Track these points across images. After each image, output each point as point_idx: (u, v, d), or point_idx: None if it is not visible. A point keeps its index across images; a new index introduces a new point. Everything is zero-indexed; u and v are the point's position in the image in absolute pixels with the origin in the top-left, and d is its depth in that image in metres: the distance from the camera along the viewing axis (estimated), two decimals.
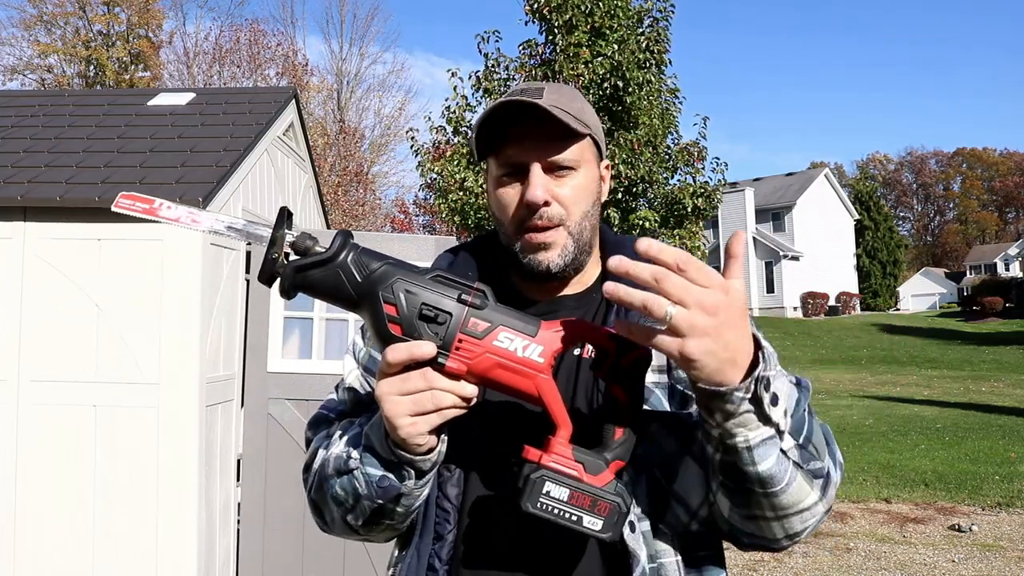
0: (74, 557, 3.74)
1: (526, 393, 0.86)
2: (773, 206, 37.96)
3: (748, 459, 0.82)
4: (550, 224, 1.01)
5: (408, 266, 0.87)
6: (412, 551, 1.00)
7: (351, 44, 34.32)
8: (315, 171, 6.46)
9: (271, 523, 3.65)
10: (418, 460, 0.88)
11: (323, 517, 1.03)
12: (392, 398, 0.84)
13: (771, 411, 0.80)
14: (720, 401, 0.78)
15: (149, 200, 0.92)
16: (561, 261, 1.02)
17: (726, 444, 0.83)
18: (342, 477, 0.95)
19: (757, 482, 0.84)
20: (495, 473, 0.99)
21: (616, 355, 0.86)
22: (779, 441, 0.83)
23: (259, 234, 0.89)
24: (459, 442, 0.97)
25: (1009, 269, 50.55)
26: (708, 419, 0.82)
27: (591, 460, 0.85)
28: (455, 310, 0.85)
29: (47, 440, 3.79)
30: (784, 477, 0.84)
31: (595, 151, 1.07)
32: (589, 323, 0.89)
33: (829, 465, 0.90)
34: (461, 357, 0.84)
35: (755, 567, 4.97)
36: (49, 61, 26.59)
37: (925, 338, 26.14)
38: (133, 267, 3.82)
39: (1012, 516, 6.02)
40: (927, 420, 10.96)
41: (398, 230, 24.79)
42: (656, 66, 9.50)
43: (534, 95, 1.00)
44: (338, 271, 0.85)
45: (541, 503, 0.84)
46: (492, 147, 1.03)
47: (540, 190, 0.99)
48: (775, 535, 0.92)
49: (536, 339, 0.85)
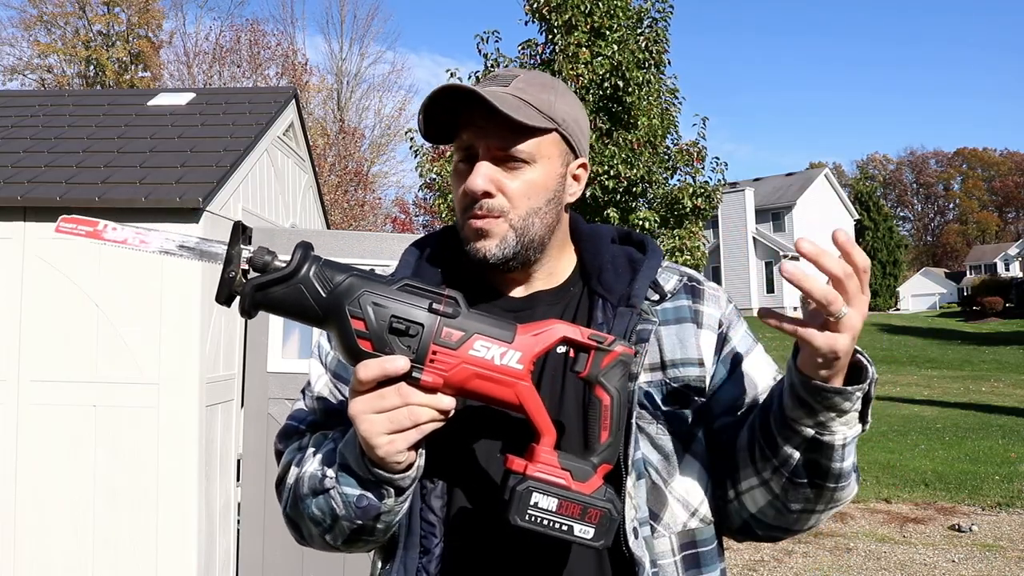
0: (74, 557, 3.73)
1: (506, 402, 0.83)
2: (773, 206, 37.96)
3: (839, 455, 0.86)
4: (489, 214, 0.97)
5: (374, 277, 0.83)
6: (398, 565, 0.96)
7: (351, 44, 34.32)
8: (315, 171, 6.46)
9: (271, 523, 3.65)
10: (397, 478, 0.85)
11: (300, 533, 0.99)
12: (367, 417, 0.80)
13: (868, 410, 0.85)
14: (841, 399, 0.82)
15: (92, 222, 0.86)
16: (499, 252, 0.98)
17: (820, 441, 0.85)
18: (318, 497, 0.91)
19: (834, 478, 0.88)
20: (480, 483, 0.96)
21: (597, 356, 0.84)
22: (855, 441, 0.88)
23: (213, 252, 0.85)
24: (442, 453, 0.94)
25: (1009, 269, 50.54)
26: (805, 418, 0.85)
27: (578, 467, 0.83)
28: (427, 321, 0.81)
29: (47, 440, 3.78)
30: (850, 474, 0.90)
31: (563, 147, 1.01)
32: (568, 324, 0.86)
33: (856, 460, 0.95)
34: (436, 370, 0.81)
35: (755, 567, 4.97)
36: (49, 61, 26.58)
37: (925, 338, 26.12)
38: (133, 267, 3.82)
39: (1012, 516, 6.01)
40: (927, 420, 10.96)
41: (398, 230, 24.80)
42: (655, 66, 9.51)
43: (502, 82, 0.98)
44: (300, 287, 0.81)
45: (529, 515, 0.81)
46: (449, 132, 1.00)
47: (481, 179, 0.95)
48: (808, 526, 0.96)
49: (513, 345, 0.82)
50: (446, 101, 0.96)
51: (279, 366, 3.72)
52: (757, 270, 36.04)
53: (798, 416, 0.85)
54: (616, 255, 1.06)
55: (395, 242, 3.92)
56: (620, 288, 1.01)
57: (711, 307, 1.04)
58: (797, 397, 0.84)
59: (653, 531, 0.95)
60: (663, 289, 1.03)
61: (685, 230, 9.49)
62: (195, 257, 0.86)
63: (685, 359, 0.99)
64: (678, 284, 1.05)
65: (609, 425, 0.84)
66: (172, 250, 0.86)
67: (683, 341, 1.00)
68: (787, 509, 0.92)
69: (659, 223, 9.24)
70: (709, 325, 1.03)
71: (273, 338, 3.73)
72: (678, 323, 1.02)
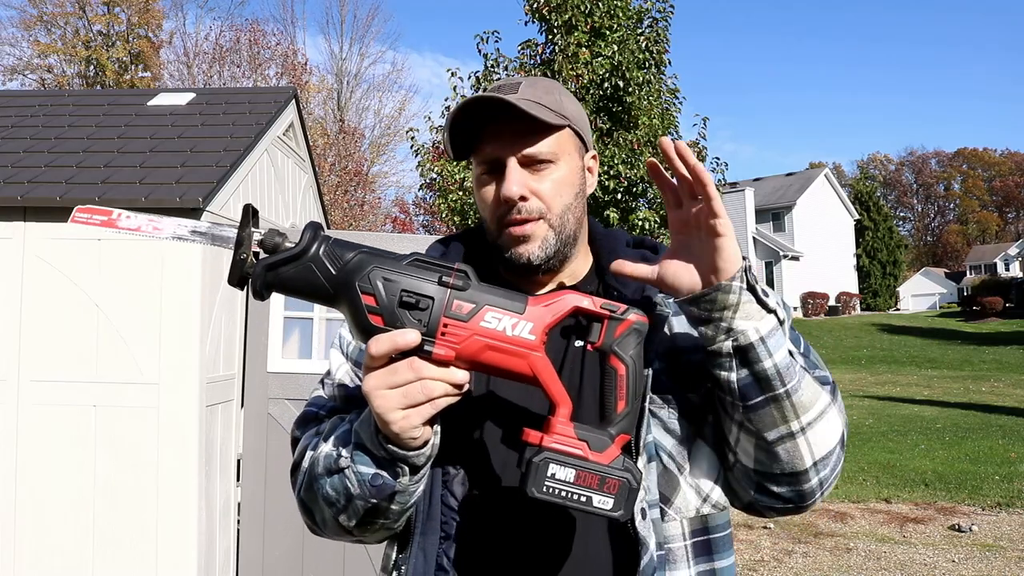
0: (74, 557, 3.73)
1: (520, 373, 0.83)
2: (773, 206, 37.96)
3: (764, 351, 0.85)
4: (529, 217, 0.99)
5: (384, 253, 0.84)
6: (417, 551, 0.97)
7: (351, 44, 34.39)
8: (315, 171, 6.46)
9: (271, 523, 3.65)
10: (412, 455, 0.85)
11: (313, 518, 1.00)
12: (381, 392, 0.81)
13: (767, 299, 0.86)
14: (723, 294, 0.84)
15: (106, 211, 0.87)
16: (542, 253, 1.00)
17: (740, 348, 0.85)
18: (332, 476, 0.91)
19: (777, 379, 0.86)
20: (501, 468, 0.97)
21: (611, 325, 0.84)
22: (784, 336, 0.88)
23: (225, 235, 0.85)
24: (463, 438, 0.95)
25: (1009, 269, 50.55)
26: (712, 333, 0.86)
27: (595, 437, 0.82)
28: (437, 294, 0.81)
29: (47, 440, 3.78)
30: (796, 372, 0.88)
31: (577, 142, 1.05)
32: (579, 293, 0.86)
33: (829, 376, 0.95)
34: (448, 342, 0.81)
35: (755, 567, 4.97)
36: (49, 61, 26.58)
37: (925, 338, 26.12)
38: (133, 267, 3.82)
39: (1012, 516, 6.01)
40: (927, 420, 10.96)
41: (398, 230, 24.81)
42: (656, 66, 9.50)
43: (510, 90, 0.99)
44: (311, 265, 0.81)
45: (547, 487, 0.80)
46: (471, 146, 1.02)
47: (516, 185, 0.98)
48: (804, 464, 0.91)
49: (525, 316, 0.82)
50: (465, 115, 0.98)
51: (279, 366, 3.72)
52: (757, 270, 36.04)
53: (707, 336, 0.87)
54: (631, 256, 1.08)
55: (395, 242, 3.92)
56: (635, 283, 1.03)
57: None
58: (694, 319, 0.89)
59: (664, 515, 0.95)
60: None
61: None
62: (207, 241, 0.86)
63: (695, 345, 1.00)
64: None
65: (625, 395, 0.83)
66: (184, 235, 0.87)
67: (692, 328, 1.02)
68: (768, 443, 0.90)
69: (659, 223, 9.23)
70: None
71: (273, 338, 3.73)
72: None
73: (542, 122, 0.96)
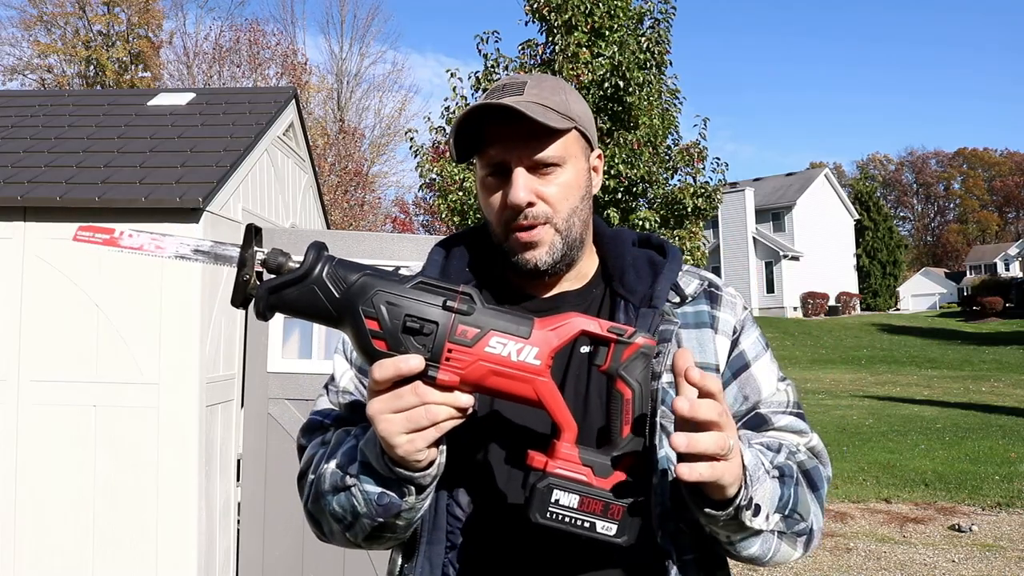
0: (74, 557, 3.73)
1: (525, 398, 0.82)
2: (773, 206, 37.95)
3: (733, 550, 0.92)
4: (536, 222, 0.99)
5: (388, 275, 0.83)
6: (423, 560, 0.97)
7: (351, 44, 34.36)
8: (315, 171, 6.46)
9: (271, 523, 3.65)
10: (417, 476, 0.85)
11: (321, 529, 1.00)
12: (385, 417, 0.80)
13: (752, 522, 0.87)
14: (707, 520, 0.86)
15: (109, 230, 0.87)
16: (549, 259, 1.00)
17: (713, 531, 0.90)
18: (339, 494, 0.91)
19: (744, 560, 0.94)
20: (507, 478, 0.97)
21: (617, 348, 0.83)
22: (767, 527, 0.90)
23: (227, 255, 0.85)
24: (469, 448, 0.95)
25: (1009, 269, 50.56)
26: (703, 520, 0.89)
27: (599, 462, 0.82)
28: (441, 319, 0.80)
29: (47, 440, 3.78)
30: (768, 552, 0.92)
31: (583, 143, 1.04)
32: (586, 316, 0.85)
33: (813, 520, 0.96)
34: (452, 368, 0.80)
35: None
36: (49, 61, 26.57)
37: (925, 338, 26.13)
38: (133, 267, 3.81)
39: (1012, 516, 6.01)
40: (927, 420, 10.96)
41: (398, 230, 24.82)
42: (656, 67, 9.50)
43: (515, 91, 0.98)
44: (314, 288, 0.80)
45: (551, 513, 0.80)
46: (475, 147, 1.01)
47: (523, 192, 0.97)
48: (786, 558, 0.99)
49: (530, 340, 0.81)
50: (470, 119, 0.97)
51: (279, 366, 3.72)
52: (757, 270, 36.03)
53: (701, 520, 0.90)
54: (637, 257, 1.08)
55: (395, 242, 3.92)
56: (642, 289, 1.02)
57: (727, 313, 1.06)
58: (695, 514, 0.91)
59: (679, 528, 0.96)
60: (684, 292, 1.05)
61: (685, 230, 9.49)
62: (210, 261, 0.86)
63: (704, 363, 1.01)
64: (698, 288, 1.07)
65: (631, 419, 0.83)
66: (187, 255, 0.86)
67: (703, 345, 1.02)
68: (738, 557, 0.96)
69: (659, 223, 9.24)
70: (724, 331, 1.05)
71: (273, 338, 3.73)
72: (698, 328, 1.04)
73: (547, 127, 0.95)
